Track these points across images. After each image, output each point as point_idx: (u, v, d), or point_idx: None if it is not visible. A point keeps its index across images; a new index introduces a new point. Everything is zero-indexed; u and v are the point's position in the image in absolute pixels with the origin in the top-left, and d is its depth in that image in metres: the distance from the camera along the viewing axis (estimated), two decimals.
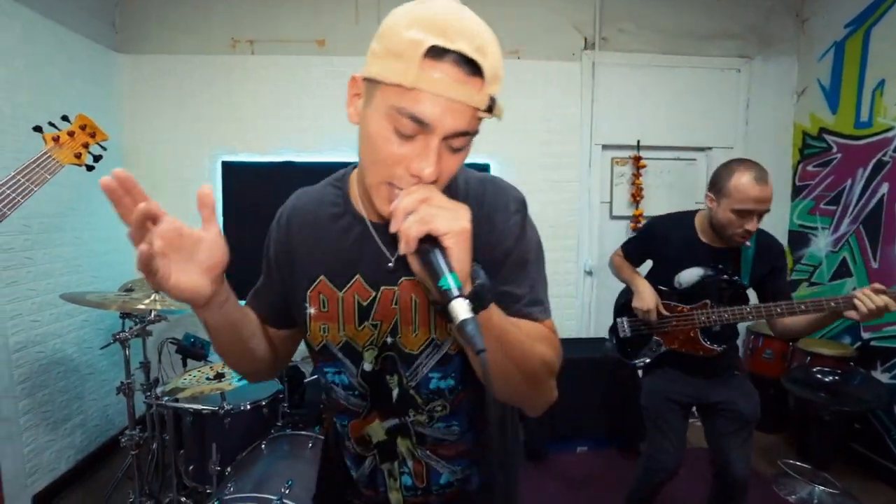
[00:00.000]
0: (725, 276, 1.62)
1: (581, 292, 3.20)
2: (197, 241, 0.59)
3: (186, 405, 1.82)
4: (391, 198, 0.59)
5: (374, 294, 0.72)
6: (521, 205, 0.74)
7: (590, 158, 3.12)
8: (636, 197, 3.14)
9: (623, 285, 1.88)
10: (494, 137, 3.06)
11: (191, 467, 2.01)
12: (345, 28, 2.97)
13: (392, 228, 0.54)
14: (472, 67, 0.54)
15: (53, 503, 2.32)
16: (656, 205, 3.17)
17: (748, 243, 1.57)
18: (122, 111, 2.92)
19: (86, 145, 1.29)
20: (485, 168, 3.07)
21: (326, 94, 2.95)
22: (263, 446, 1.82)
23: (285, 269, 0.77)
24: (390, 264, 0.71)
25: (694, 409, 1.82)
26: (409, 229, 0.52)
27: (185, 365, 2.32)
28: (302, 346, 0.85)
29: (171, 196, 3.04)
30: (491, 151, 3.08)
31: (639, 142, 3.11)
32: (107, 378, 2.72)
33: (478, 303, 0.53)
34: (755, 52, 3.15)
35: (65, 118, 1.30)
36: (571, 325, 3.25)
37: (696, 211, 1.70)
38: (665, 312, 1.70)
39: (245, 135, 2.99)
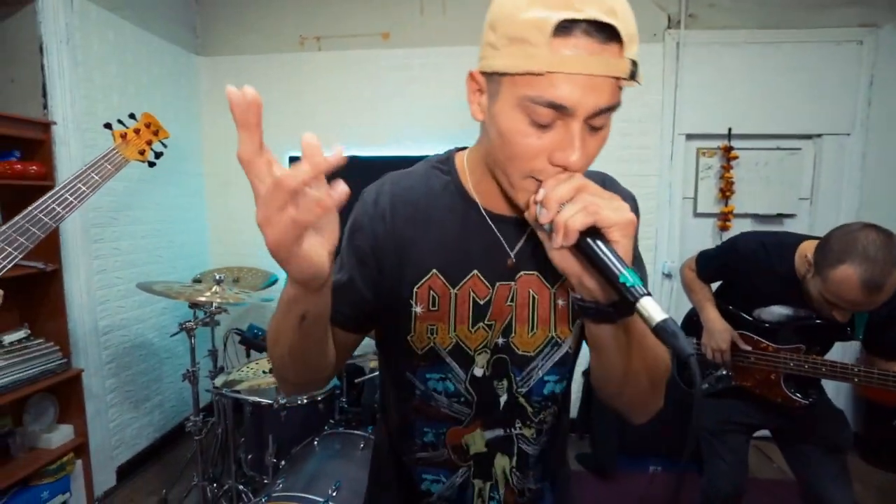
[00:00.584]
0: (829, 323, 1.34)
1: (658, 297, 2.89)
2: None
3: (244, 396, 1.85)
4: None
5: (490, 291, 0.65)
6: (635, 201, 0.71)
7: (671, 150, 2.81)
8: (725, 192, 2.78)
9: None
10: None
11: (249, 456, 2.06)
12: (410, 20, 2.91)
13: (543, 219, 0.49)
14: (606, 33, 0.47)
15: (134, 476, 2.50)
16: (751, 201, 2.80)
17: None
18: (201, 110, 3.08)
19: (149, 142, 1.33)
20: None
21: (391, 87, 2.92)
22: (316, 443, 1.81)
23: (388, 260, 0.66)
24: (511, 259, 0.66)
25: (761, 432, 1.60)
26: (571, 220, 0.46)
27: (248, 355, 2.40)
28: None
29: (241, 189, 3.22)
30: None
31: (730, 130, 2.76)
32: (183, 363, 2.88)
33: (633, 297, 0.46)
34: (884, 18, 2.66)
35: (132, 116, 1.33)
36: None
37: (798, 241, 1.37)
38: (745, 346, 1.46)
39: (312, 129, 2.99)
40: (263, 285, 2.77)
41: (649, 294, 0.45)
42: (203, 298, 1.77)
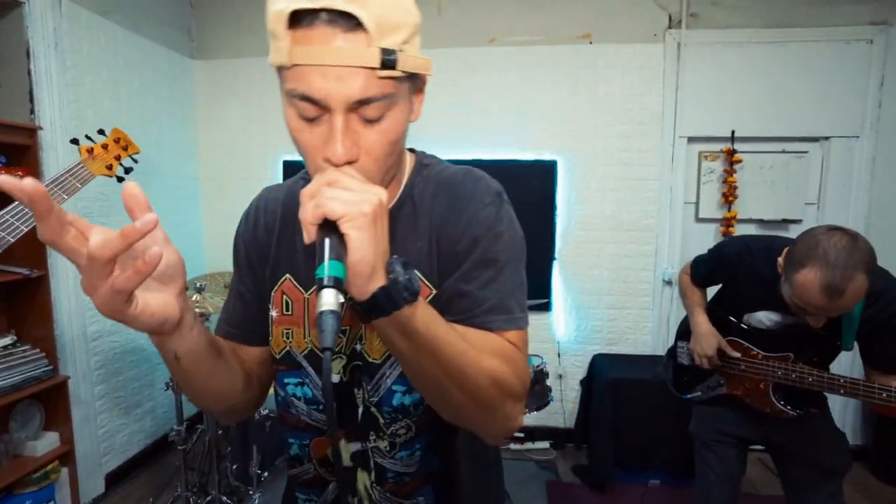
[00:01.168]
0: (816, 331, 1.29)
1: (658, 304, 2.83)
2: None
3: None
4: None
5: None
6: (496, 196, 0.64)
7: (672, 153, 2.74)
8: (728, 197, 2.70)
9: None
10: (563, 131, 2.81)
11: (234, 466, 2.03)
12: (427, 21, 2.86)
13: (300, 215, 0.46)
14: (350, 21, 0.46)
15: (124, 483, 2.49)
16: (755, 206, 2.71)
17: None
18: (196, 114, 3.07)
19: (118, 157, 1.30)
20: (551, 165, 2.82)
21: None
22: None
23: (257, 267, 0.70)
24: None
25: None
26: (304, 215, 0.45)
27: None
28: None
29: (237, 193, 3.21)
30: (558, 147, 2.82)
31: (733, 133, 2.67)
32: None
33: (385, 300, 0.46)
34: (895, 15, 2.56)
35: (101, 132, 1.31)
36: (647, 340, 2.89)
37: (784, 245, 1.31)
38: (733, 353, 1.43)
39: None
40: None
41: (332, 287, 0.42)
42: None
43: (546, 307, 2.92)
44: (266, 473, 1.73)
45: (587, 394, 2.81)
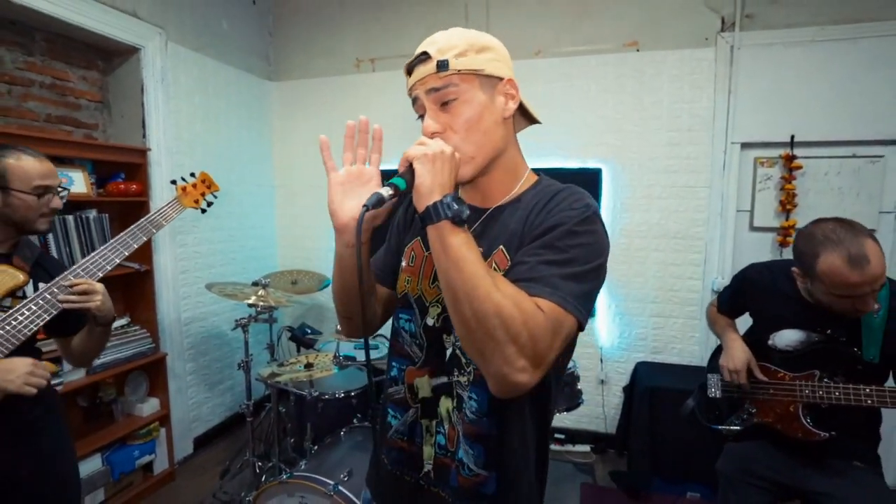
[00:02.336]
0: (835, 345, 1.27)
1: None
2: (369, 178, 0.83)
3: (286, 388, 2.11)
4: None
5: None
6: (586, 207, 0.74)
7: (724, 160, 2.65)
8: (786, 204, 2.57)
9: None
10: (608, 139, 2.84)
11: (292, 440, 2.34)
12: None
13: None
14: (425, 56, 0.76)
15: (207, 447, 2.92)
16: (817, 214, 2.46)
17: (876, 305, 1.19)
18: (272, 129, 3.48)
19: (203, 194, 1.62)
20: (596, 173, 2.86)
21: None
22: (343, 433, 2.02)
23: (403, 230, 0.97)
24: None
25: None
26: (402, 161, 0.72)
27: (298, 351, 2.69)
28: None
29: (306, 199, 3.58)
30: (603, 156, 2.85)
31: (793, 137, 2.54)
32: (251, 353, 3.29)
33: (433, 211, 0.67)
34: None
35: (192, 175, 1.64)
36: (694, 350, 2.83)
37: None
38: (760, 376, 1.41)
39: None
40: (319, 287, 3.07)
41: (387, 185, 0.70)
42: (251, 301, 2.06)
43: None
44: (316, 447, 1.99)
45: (629, 400, 2.81)
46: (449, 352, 0.82)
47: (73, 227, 2.13)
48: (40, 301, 1.18)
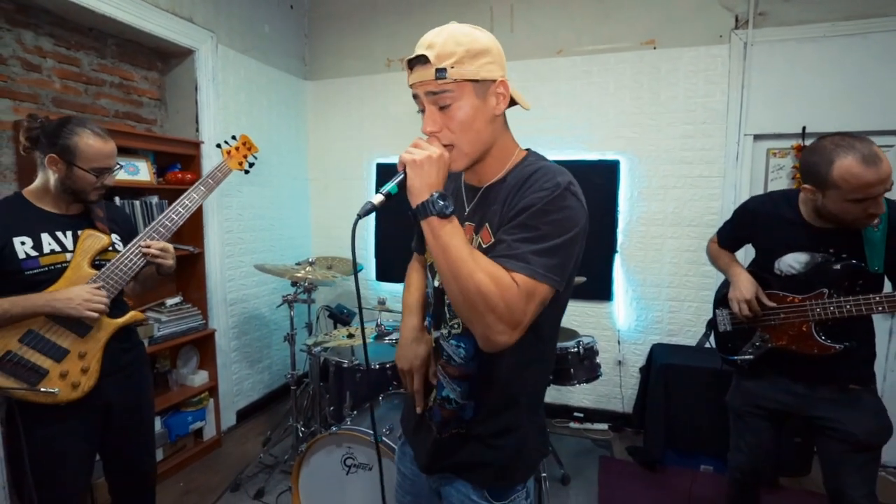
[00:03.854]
0: (843, 262, 1.36)
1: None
2: None
3: (328, 357, 2.31)
4: None
5: None
6: (556, 186, 0.82)
7: (738, 151, 2.78)
8: None
9: (723, 276, 1.70)
10: (626, 133, 2.99)
11: (332, 408, 2.53)
12: (499, 37, 3.17)
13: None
14: (424, 58, 0.83)
15: (249, 419, 3.15)
16: None
17: (876, 220, 1.30)
18: (307, 125, 3.71)
19: (245, 156, 1.81)
20: (614, 165, 3.01)
21: None
22: (381, 398, 2.21)
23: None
24: (465, 212, 0.97)
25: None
26: (399, 165, 0.84)
27: (335, 326, 2.90)
28: None
29: (338, 191, 3.80)
30: (621, 148, 3.00)
31: (804, 129, 2.66)
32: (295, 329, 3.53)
33: (422, 208, 0.80)
34: None
35: (233, 137, 1.83)
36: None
37: (799, 191, 1.43)
38: (769, 303, 1.50)
39: (397, 140, 3.50)
40: (352, 272, 3.28)
41: (380, 193, 0.82)
42: (300, 275, 2.27)
43: (607, 297, 3.10)
44: (355, 412, 2.18)
45: (645, 381, 2.94)
46: (446, 309, 0.96)
47: (140, 211, 2.36)
48: (137, 253, 1.41)
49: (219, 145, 1.81)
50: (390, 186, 0.82)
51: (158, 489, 1.72)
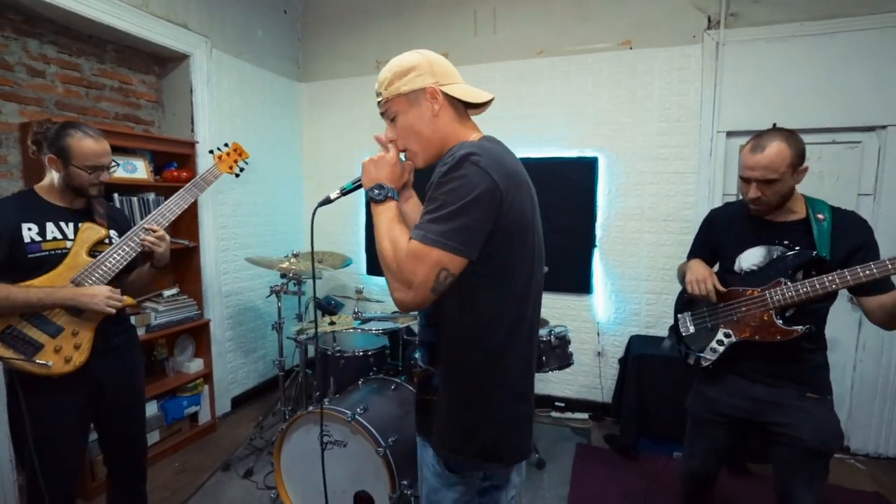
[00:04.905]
0: (797, 251, 1.44)
1: None
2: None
3: (312, 345, 2.45)
4: None
5: None
6: (459, 159, 0.90)
7: (711, 147, 2.87)
8: None
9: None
10: (603, 131, 3.09)
11: (317, 393, 2.67)
12: (483, 39, 3.32)
13: None
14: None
15: (243, 406, 3.30)
16: None
17: (821, 215, 1.43)
18: (301, 126, 3.86)
19: (236, 161, 1.95)
20: (592, 162, 3.11)
21: None
22: (360, 382, 2.34)
23: None
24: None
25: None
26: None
27: (323, 316, 3.03)
28: None
29: (331, 189, 3.93)
30: (599, 146, 3.11)
31: (774, 125, 2.71)
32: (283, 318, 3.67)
33: (370, 195, 1.01)
34: None
35: (226, 144, 1.97)
36: None
37: None
38: (722, 288, 1.56)
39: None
40: (342, 265, 3.42)
41: (339, 190, 1.09)
42: (284, 266, 2.41)
43: (587, 290, 3.21)
44: (338, 395, 2.31)
45: (623, 371, 3.04)
46: None
47: (137, 207, 2.52)
48: (130, 243, 1.54)
49: (211, 151, 1.96)
50: (346, 184, 1.09)
51: (154, 468, 1.87)
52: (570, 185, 3.12)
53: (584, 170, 3.13)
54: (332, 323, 2.49)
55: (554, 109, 3.18)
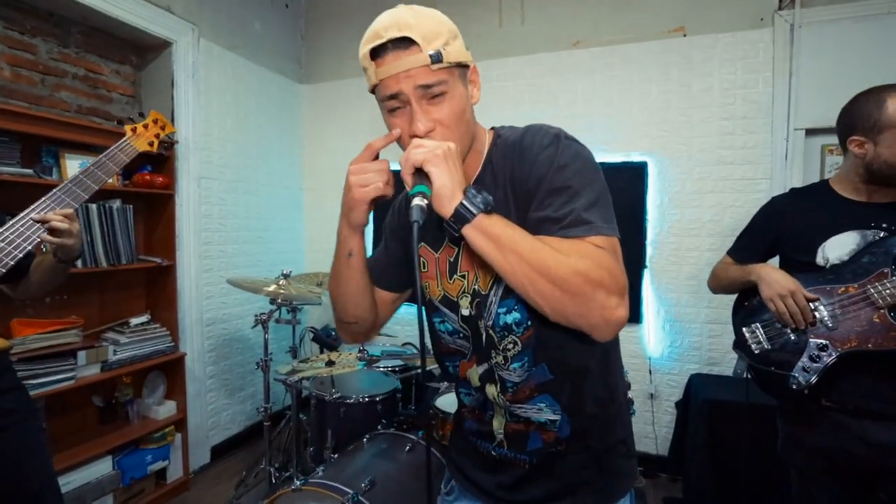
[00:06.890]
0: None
1: None
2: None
3: (305, 390, 1.95)
4: None
5: (456, 250, 0.83)
6: (554, 137, 0.76)
7: (787, 148, 2.41)
8: None
9: (733, 299, 1.48)
10: (653, 131, 2.64)
11: (311, 448, 2.15)
12: (489, 33, 2.95)
13: (401, 175, 0.69)
14: (406, 42, 0.68)
15: (226, 456, 2.77)
16: None
17: None
18: (302, 132, 3.45)
19: (157, 135, 1.50)
20: (641, 167, 2.65)
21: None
22: (365, 440, 1.83)
23: (402, 240, 0.93)
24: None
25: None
26: (402, 171, 0.68)
27: (321, 351, 2.54)
28: None
29: (335, 202, 3.49)
30: (648, 149, 2.65)
31: None
32: (277, 360, 3.16)
33: (465, 210, 0.65)
34: None
35: (141, 114, 1.51)
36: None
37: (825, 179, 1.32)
38: (812, 296, 1.22)
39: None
40: None
41: (418, 193, 0.66)
42: (270, 289, 1.93)
43: (636, 319, 2.70)
44: (336, 455, 1.80)
45: (683, 417, 2.51)
46: (484, 336, 0.82)
47: (96, 215, 2.08)
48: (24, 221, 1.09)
49: (120, 122, 1.50)
50: (419, 188, 0.67)
51: None
52: (613, 196, 2.64)
53: (631, 177, 2.67)
54: (329, 363, 1.98)
55: (594, 107, 2.74)
